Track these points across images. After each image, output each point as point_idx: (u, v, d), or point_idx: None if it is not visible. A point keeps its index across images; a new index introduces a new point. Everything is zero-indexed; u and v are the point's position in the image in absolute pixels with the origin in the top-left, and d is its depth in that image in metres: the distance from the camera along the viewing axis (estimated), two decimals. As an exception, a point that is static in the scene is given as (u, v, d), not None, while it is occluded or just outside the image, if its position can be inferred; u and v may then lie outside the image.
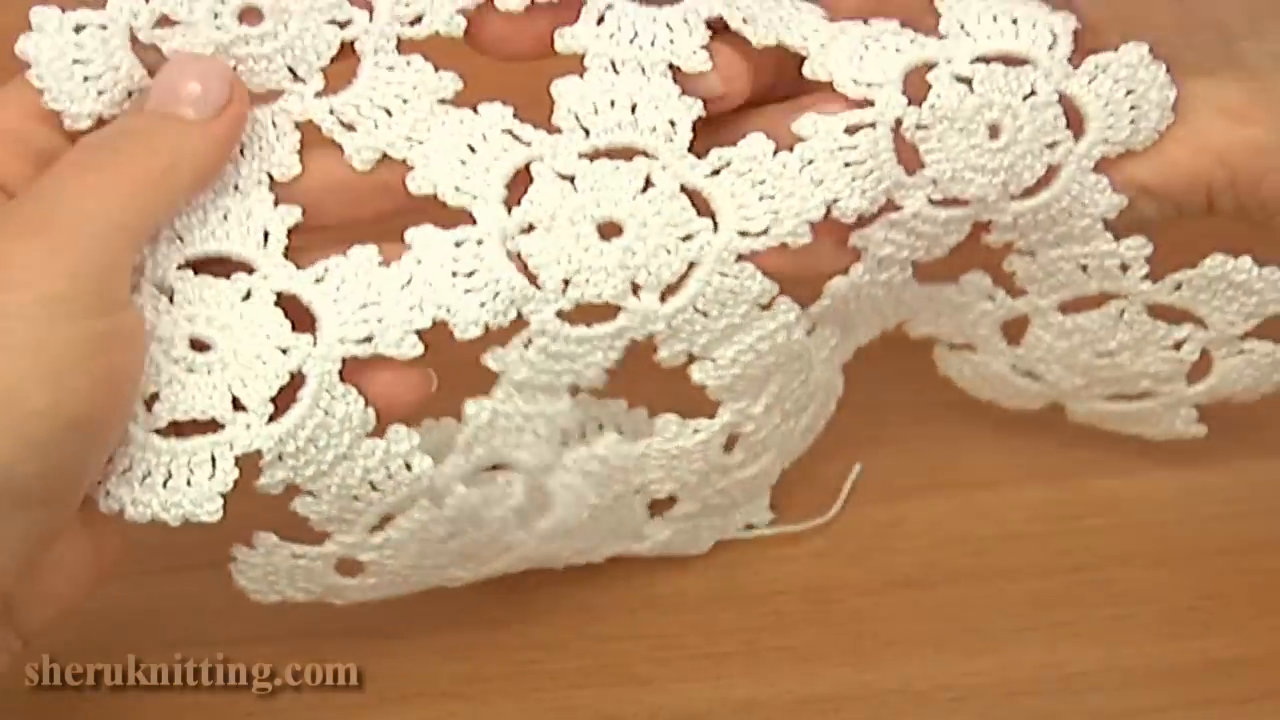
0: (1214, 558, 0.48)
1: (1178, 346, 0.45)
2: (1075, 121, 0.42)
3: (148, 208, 0.37)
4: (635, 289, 0.39)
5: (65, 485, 0.36)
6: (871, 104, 0.40)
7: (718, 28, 0.41)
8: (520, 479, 0.41)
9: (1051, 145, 0.41)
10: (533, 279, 0.38)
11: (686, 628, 0.47)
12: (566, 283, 0.39)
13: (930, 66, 0.41)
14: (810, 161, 0.40)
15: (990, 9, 0.42)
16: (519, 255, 0.38)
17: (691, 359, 0.41)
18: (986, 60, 0.41)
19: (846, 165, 0.40)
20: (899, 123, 0.40)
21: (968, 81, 0.41)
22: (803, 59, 0.41)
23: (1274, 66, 0.42)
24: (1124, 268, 0.43)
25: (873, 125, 0.40)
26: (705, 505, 0.45)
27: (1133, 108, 0.42)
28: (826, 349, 0.44)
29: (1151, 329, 0.44)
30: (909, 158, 0.41)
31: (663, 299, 0.39)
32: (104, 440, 0.36)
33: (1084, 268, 0.43)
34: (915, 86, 0.40)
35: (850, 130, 0.40)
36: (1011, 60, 0.41)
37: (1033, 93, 0.41)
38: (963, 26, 0.42)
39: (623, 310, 0.39)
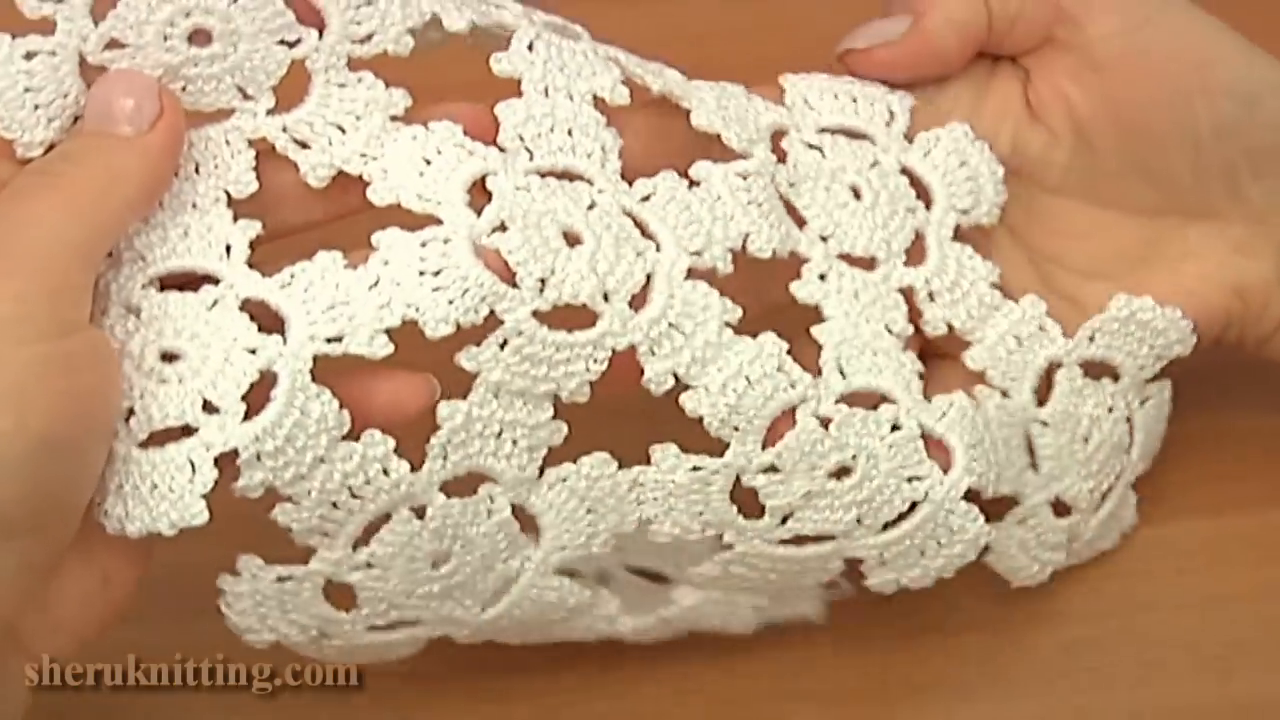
0: (1240, 604, 0.48)
1: (1111, 408, 0.46)
2: (925, 196, 0.45)
3: (93, 227, 0.37)
4: (606, 297, 0.39)
5: (52, 509, 0.36)
6: (750, 156, 0.43)
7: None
8: (502, 493, 0.40)
9: (910, 210, 0.44)
10: (509, 277, 0.39)
11: (712, 670, 0.47)
12: (543, 283, 0.39)
13: (784, 132, 0.44)
14: (718, 198, 0.42)
15: (831, 89, 0.46)
16: (496, 253, 0.39)
17: (678, 382, 0.41)
18: (831, 132, 0.45)
19: (748, 204, 0.42)
20: (774, 177, 0.43)
21: (819, 149, 0.44)
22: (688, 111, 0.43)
23: (1272, 206, 0.46)
24: (1042, 329, 0.45)
25: (760, 174, 0.42)
26: (728, 575, 0.44)
27: (969, 179, 0.45)
28: (880, 438, 0.42)
29: (1094, 389, 0.46)
30: (795, 215, 0.43)
31: (635, 309, 0.40)
32: (85, 461, 0.36)
33: (1019, 340, 0.45)
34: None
35: (743, 176, 0.42)
36: (853, 134, 0.45)
37: (876, 163, 0.44)
38: (806, 101, 0.45)
39: (600, 317, 0.39)
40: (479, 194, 0.40)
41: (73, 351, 0.36)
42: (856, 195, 0.44)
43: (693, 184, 0.42)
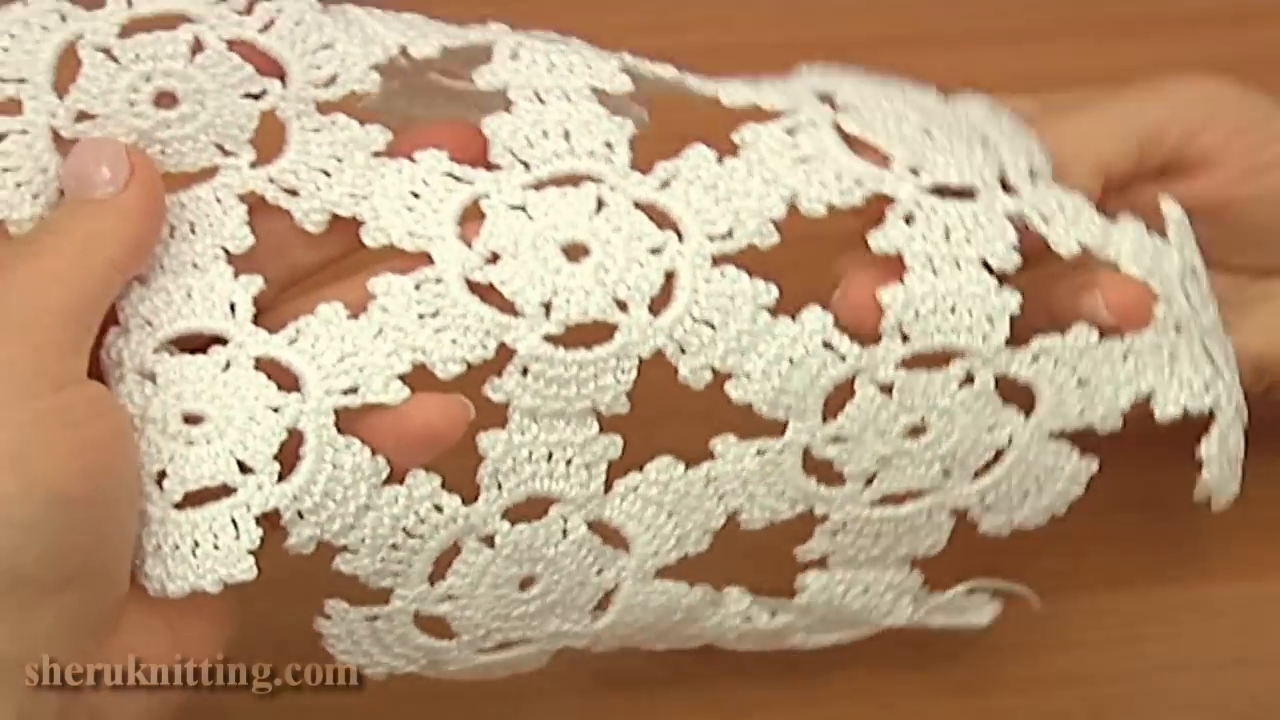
0: (1272, 667, 0.48)
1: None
2: (986, 141, 0.43)
3: (73, 288, 0.37)
4: (622, 306, 0.39)
5: (84, 566, 0.36)
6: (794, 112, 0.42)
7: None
8: (573, 512, 0.40)
9: (984, 147, 0.43)
10: (509, 307, 0.39)
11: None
12: (547, 306, 0.39)
13: (832, 94, 0.43)
14: (760, 161, 0.41)
15: (848, 72, 0.45)
16: (491, 286, 0.39)
17: (717, 375, 0.40)
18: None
19: (795, 161, 0.41)
20: (837, 125, 0.42)
21: (874, 99, 0.43)
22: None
23: None
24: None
25: (813, 124, 0.41)
26: (838, 549, 0.42)
27: (1015, 133, 0.44)
28: (950, 395, 0.41)
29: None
30: (876, 155, 0.41)
31: (655, 312, 0.39)
32: (112, 515, 0.37)
33: (1155, 245, 0.43)
34: None
35: (790, 132, 0.41)
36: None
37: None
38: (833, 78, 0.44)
39: (618, 329, 0.39)
40: (474, 220, 0.39)
41: (68, 405, 0.36)
42: (929, 135, 0.42)
43: (729, 155, 0.41)
